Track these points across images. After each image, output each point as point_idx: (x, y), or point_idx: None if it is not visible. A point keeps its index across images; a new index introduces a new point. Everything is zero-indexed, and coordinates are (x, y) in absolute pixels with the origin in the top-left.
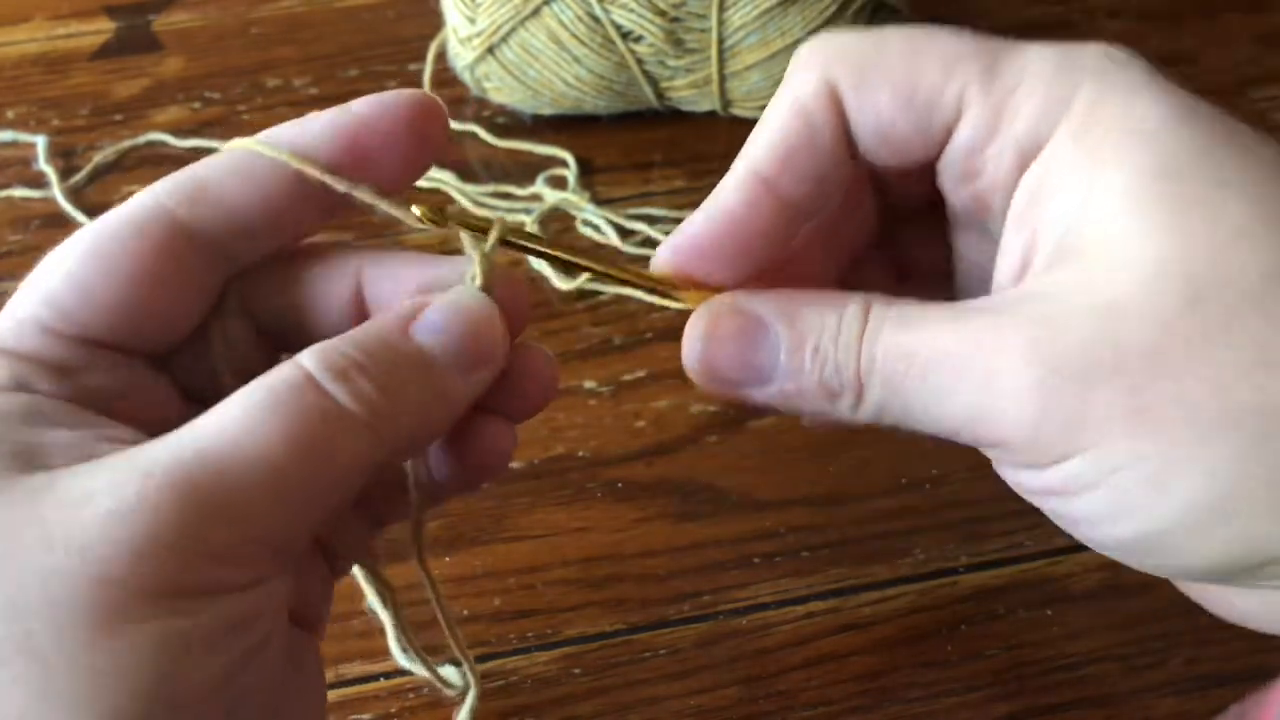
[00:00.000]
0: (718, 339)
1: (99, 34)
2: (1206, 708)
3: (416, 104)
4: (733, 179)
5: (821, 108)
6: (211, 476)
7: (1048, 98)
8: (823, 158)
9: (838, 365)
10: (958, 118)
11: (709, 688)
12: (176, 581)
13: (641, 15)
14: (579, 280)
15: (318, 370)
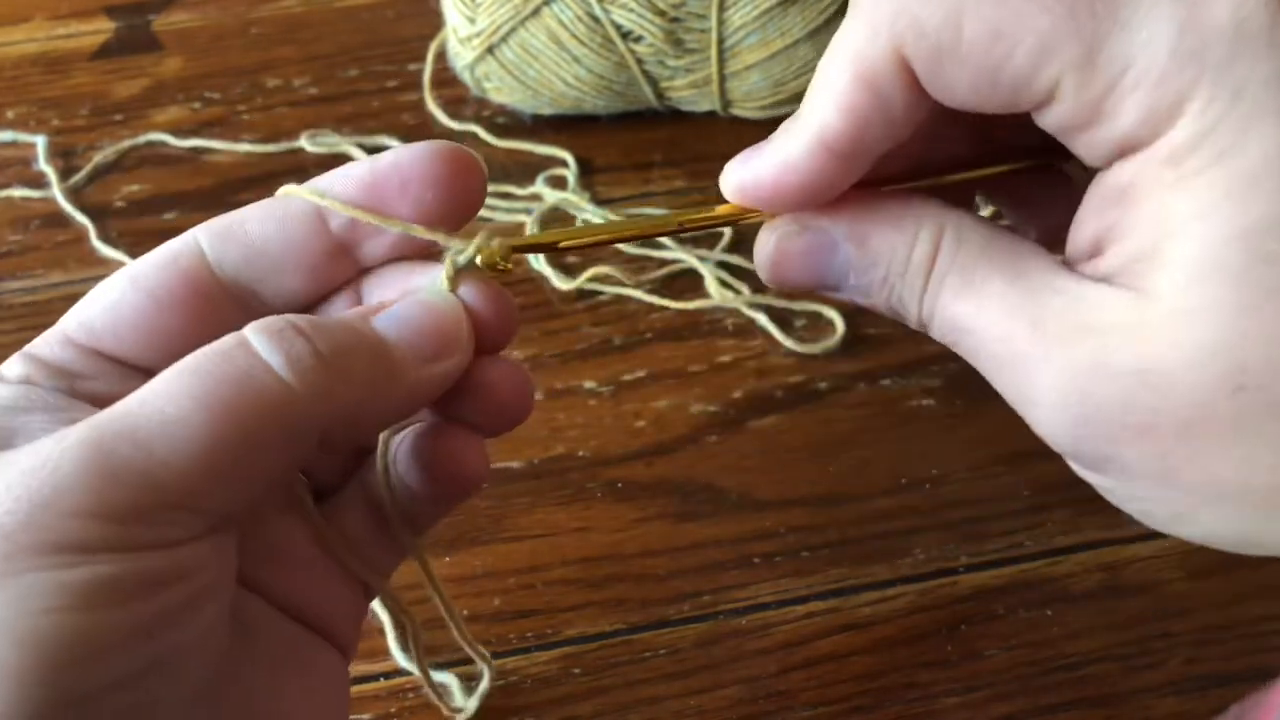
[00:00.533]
0: (787, 254)
1: (99, 34)
2: (1206, 708)
3: (445, 160)
4: (801, 144)
5: (893, 80)
6: (122, 438)
7: (1154, 102)
8: (897, 127)
9: (903, 301)
10: (1049, 101)
11: (709, 688)
12: (75, 537)
13: (641, 15)
14: (579, 280)
15: (253, 331)
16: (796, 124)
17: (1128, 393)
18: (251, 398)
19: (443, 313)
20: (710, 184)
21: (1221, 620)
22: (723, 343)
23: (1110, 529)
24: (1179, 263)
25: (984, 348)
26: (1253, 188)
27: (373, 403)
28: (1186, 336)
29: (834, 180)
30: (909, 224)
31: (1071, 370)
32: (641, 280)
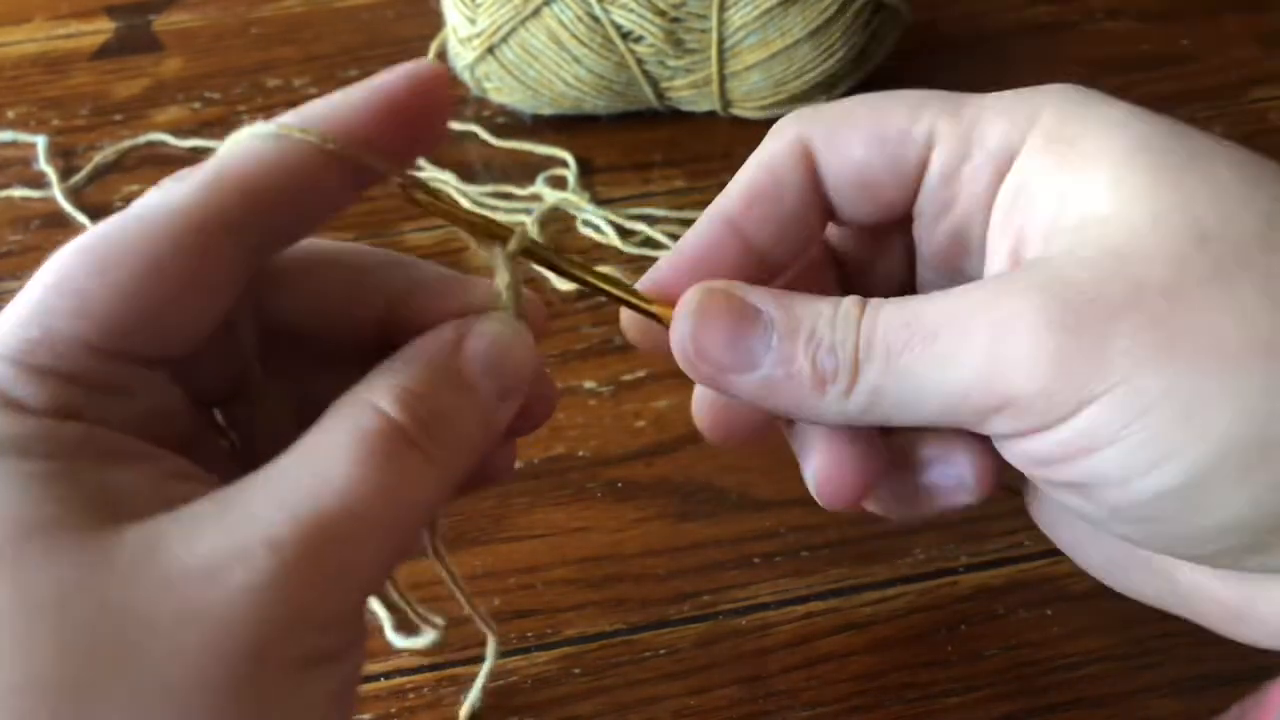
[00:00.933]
0: (709, 317)
1: (99, 34)
2: (1206, 708)
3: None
4: (701, 221)
5: (790, 164)
6: (322, 544)
7: (1014, 114)
8: (786, 208)
9: (834, 345)
10: (929, 150)
11: (709, 688)
12: (306, 651)
13: (641, 15)
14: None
15: (403, 418)
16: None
17: (1102, 271)
18: (419, 492)
19: (517, 349)
20: (710, 184)
21: None
22: None
23: None
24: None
25: (940, 324)
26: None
27: (475, 462)
28: (1133, 213)
29: (732, 264)
30: (832, 297)
31: (1040, 283)
32: None
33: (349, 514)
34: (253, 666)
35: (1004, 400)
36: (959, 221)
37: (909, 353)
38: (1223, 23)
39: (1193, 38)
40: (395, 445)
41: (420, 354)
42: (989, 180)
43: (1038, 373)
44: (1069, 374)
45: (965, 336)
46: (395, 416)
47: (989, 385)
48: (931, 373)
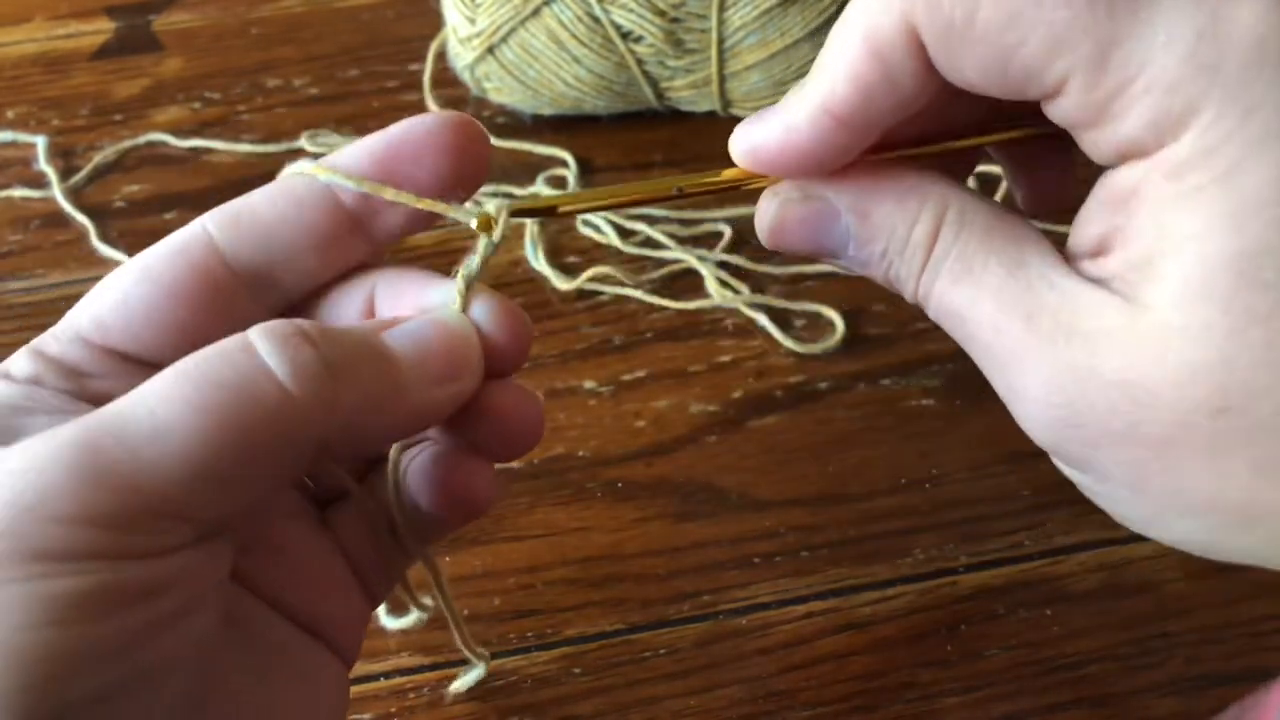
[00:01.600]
0: (787, 221)
1: (99, 34)
2: (1206, 708)
3: (455, 128)
4: (804, 111)
5: (902, 54)
6: (111, 438)
7: (1162, 110)
8: (904, 100)
9: (900, 279)
10: (1056, 94)
11: (709, 687)
12: (59, 545)
13: (641, 15)
14: (579, 280)
15: (258, 335)
16: (804, 89)
17: (1111, 402)
18: (249, 404)
19: (454, 334)
20: None
21: (1221, 620)
22: (723, 343)
23: (1110, 529)
24: (1172, 280)
25: (977, 336)
26: (1252, 212)
27: (375, 417)
28: (1173, 355)
29: (838, 148)
30: (913, 201)
31: (1059, 372)
32: (641, 280)
33: (148, 419)
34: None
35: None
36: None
37: (951, 331)
38: None
39: None
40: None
41: None
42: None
43: (1040, 438)
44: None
45: (991, 366)
46: (251, 335)
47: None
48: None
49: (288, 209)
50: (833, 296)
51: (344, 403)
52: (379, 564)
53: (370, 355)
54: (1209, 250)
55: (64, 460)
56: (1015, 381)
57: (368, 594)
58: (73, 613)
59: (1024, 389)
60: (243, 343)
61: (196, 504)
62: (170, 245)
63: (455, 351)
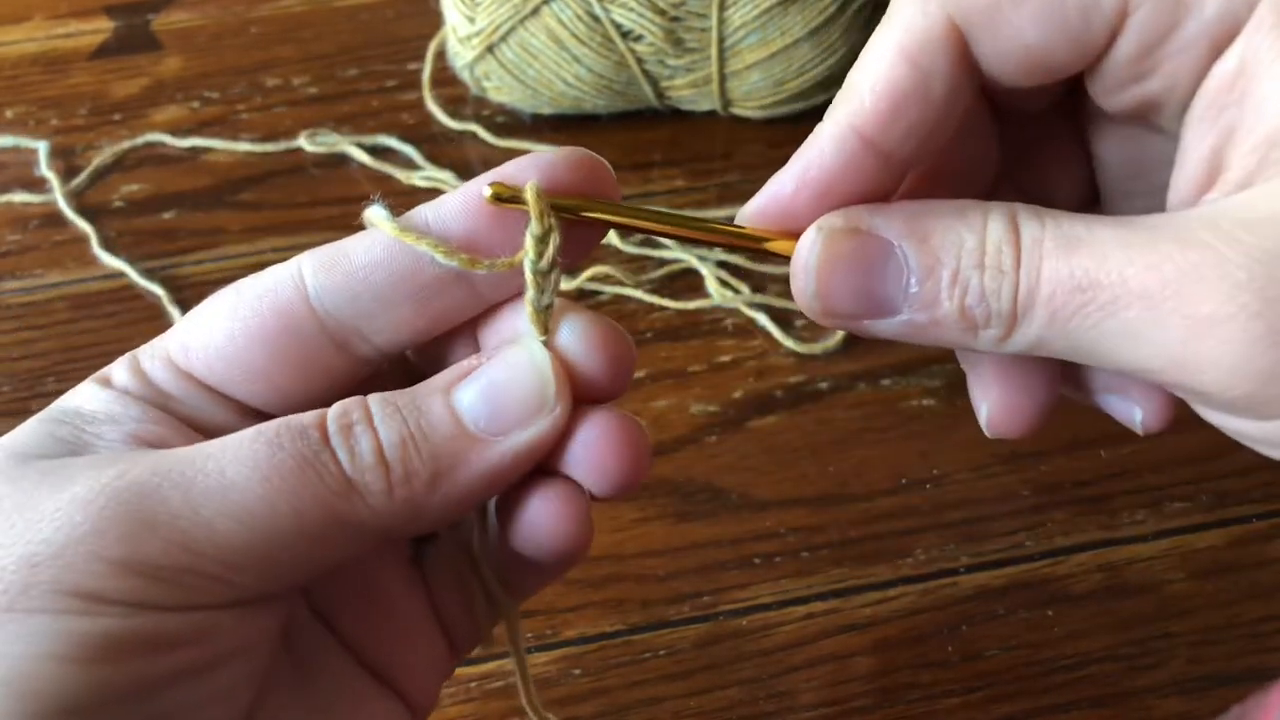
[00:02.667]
0: (833, 266)
1: (98, 33)
2: (1207, 708)
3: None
4: (830, 134)
5: (938, 50)
6: (175, 489)
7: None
8: (936, 109)
9: (985, 293)
10: (1124, 18)
11: (709, 688)
12: (93, 585)
13: (641, 15)
14: (579, 280)
15: (333, 414)
16: (828, 114)
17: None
18: (313, 484)
19: (523, 374)
20: (709, 184)
21: (1222, 621)
22: (723, 343)
23: (1110, 529)
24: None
25: (1123, 300)
26: None
27: (439, 494)
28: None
29: (866, 176)
30: (974, 213)
31: (1251, 271)
32: (641, 280)
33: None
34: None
35: (1201, 389)
36: (1155, 91)
37: (1082, 319)
38: None
39: None
40: (304, 443)
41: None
42: (1201, 55)
43: (1248, 377)
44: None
45: (1156, 319)
46: (328, 417)
47: (1181, 374)
48: (1112, 346)
49: (383, 254)
50: None
51: (400, 491)
52: (465, 613)
53: (431, 430)
54: None
55: (126, 502)
56: (1199, 307)
57: (450, 644)
58: (97, 653)
59: (1212, 318)
60: (318, 420)
61: (242, 570)
62: (262, 282)
63: (524, 392)
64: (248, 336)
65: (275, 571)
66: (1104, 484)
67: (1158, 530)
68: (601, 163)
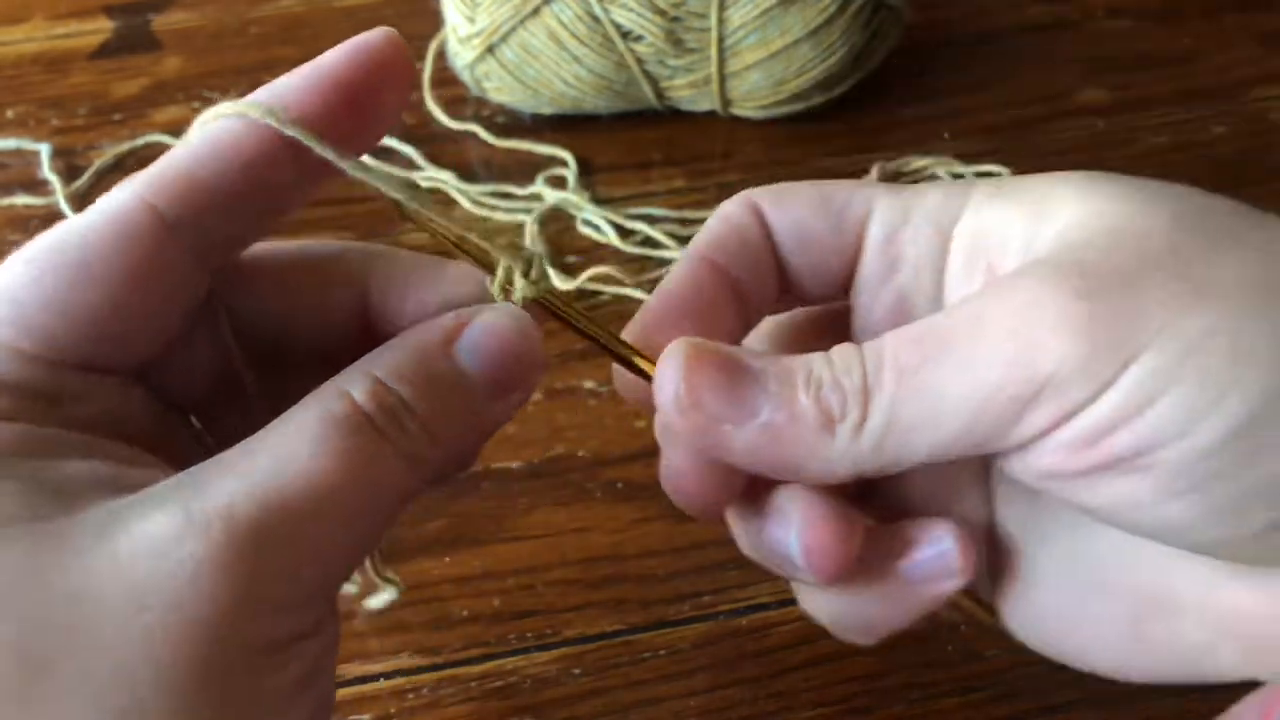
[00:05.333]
0: (700, 364)
1: (98, 33)
2: (1207, 708)
3: (382, 44)
4: (681, 262)
5: (745, 217)
6: (280, 521)
7: (949, 188)
8: (752, 247)
9: (836, 380)
10: (868, 215)
11: (709, 688)
12: (262, 632)
13: (641, 15)
14: (579, 280)
15: (370, 406)
16: None
17: (1110, 243)
18: (387, 477)
19: (522, 338)
20: (710, 184)
21: None
22: None
23: None
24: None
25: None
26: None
27: (461, 458)
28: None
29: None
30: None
31: (1053, 266)
32: (641, 280)
33: (307, 495)
34: (206, 645)
35: (1042, 381)
36: (903, 286)
37: (927, 366)
38: (1223, 22)
39: (1193, 37)
40: (360, 432)
41: (407, 342)
42: (931, 238)
43: (1075, 342)
44: (1107, 335)
45: (986, 333)
46: (362, 402)
47: (1023, 372)
48: (954, 380)
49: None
50: None
51: (443, 455)
52: None
53: (455, 397)
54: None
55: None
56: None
57: None
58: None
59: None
60: (357, 410)
61: (339, 575)
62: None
63: (523, 360)
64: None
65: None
66: None
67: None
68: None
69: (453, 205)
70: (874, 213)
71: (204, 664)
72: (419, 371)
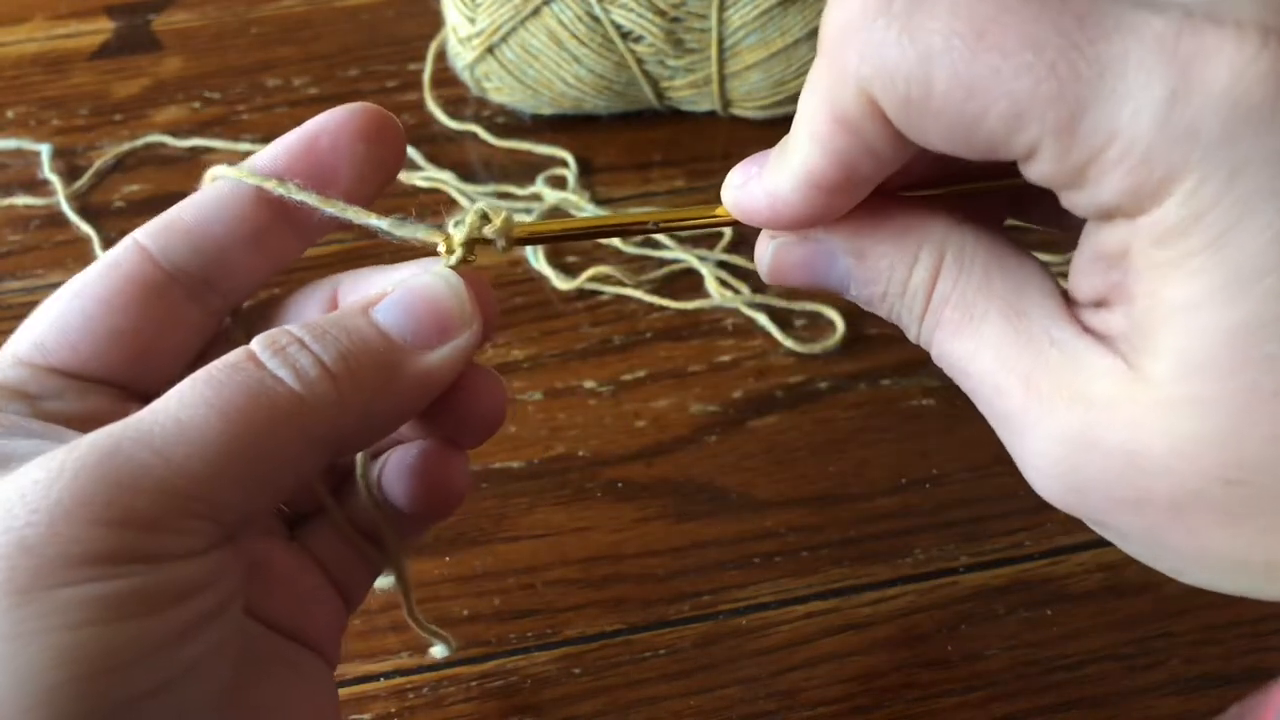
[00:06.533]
0: (784, 264)
1: (98, 34)
2: (1207, 708)
3: (368, 115)
4: (790, 183)
5: (868, 123)
6: (140, 444)
7: (1140, 178)
8: (884, 162)
9: (902, 321)
10: (1029, 158)
11: (709, 688)
12: (102, 548)
13: (641, 15)
14: (579, 280)
15: (258, 346)
16: (786, 157)
17: (1117, 471)
18: (266, 406)
19: (440, 290)
20: (710, 184)
21: (1221, 620)
22: (723, 343)
23: None
24: (1170, 353)
25: (979, 392)
26: (1247, 281)
27: (385, 400)
28: (1177, 427)
29: (829, 212)
30: (910, 242)
31: (1062, 440)
32: (641, 280)
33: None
34: (27, 558)
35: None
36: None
37: (955, 379)
38: None
39: None
40: (244, 370)
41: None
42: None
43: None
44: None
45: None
46: (253, 346)
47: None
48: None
49: (214, 211)
50: (833, 296)
51: (352, 396)
52: (353, 572)
53: (365, 343)
54: (1206, 323)
55: (97, 466)
56: (1019, 445)
57: (345, 600)
58: (126, 609)
59: (1027, 453)
60: (246, 354)
61: (225, 503)
62: (103, 262)
63: (444, 307)
64: (106, 308)
65: (251, 496)
66: None
67: None
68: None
69: (455, 205)
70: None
71: (22, 573)
72: (326, 322)
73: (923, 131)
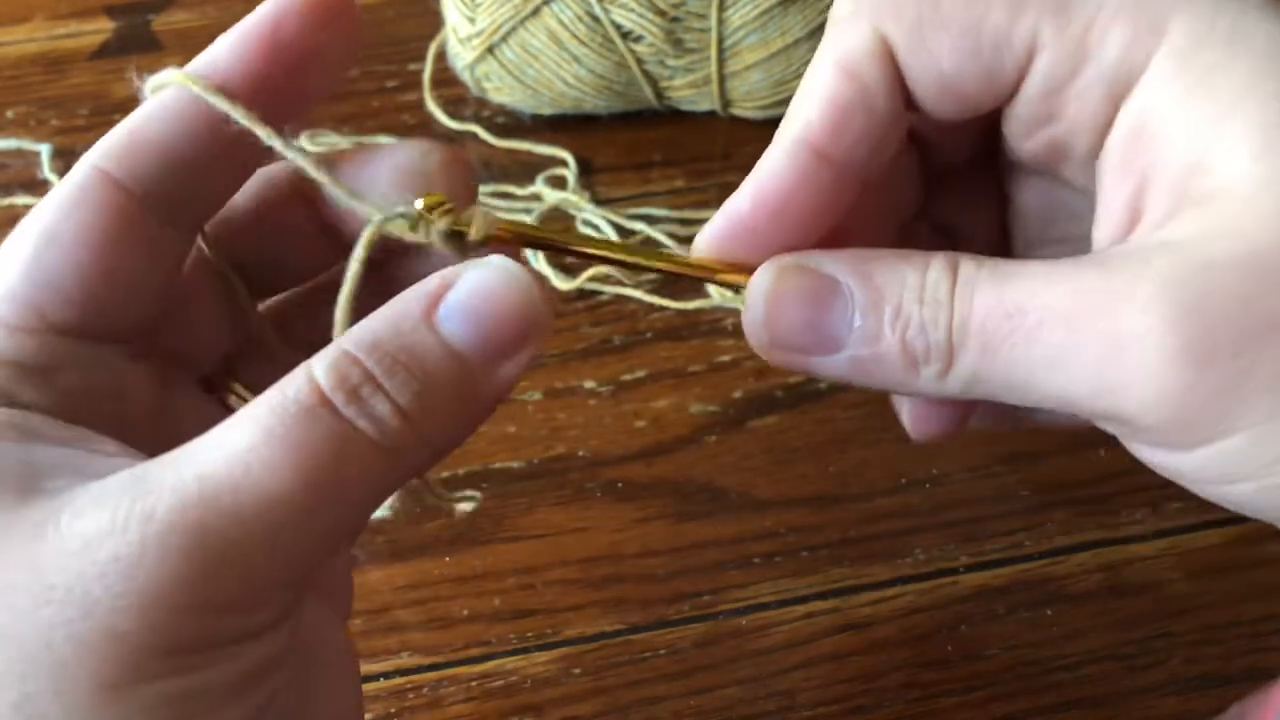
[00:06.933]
0: (781, 300)
1: (98, 34)
2: (1207, 708)
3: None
4: (781, 150)
5: (874, 65)
6: (222, 518)
7: (1136, 20)
8: (879, 119)
9: (924, 325)
10: (1031, 58)
11: (709, 688)
12: (189, 636)
13: (641, 15)
14: (579, 280)
15: (329, 385)
16: (779, 132)
17: (1240, 288)
18: (353, 465)
19: (509, 293)
20: (709, 184)
21: (1221, 620)
22: (723, 343)
23: (1110, 529)
24: (1234, 147)
25: (1048, 323)
26: (1275, 60)
27: (459, 430)
28: (1275, 206)
29: (822, 194)
30: (916, 256)
31: (1169, 294)
32: (641, 280)
33: (254, 492)
34: (115, 648)
35: (1123, 419)
36: (1061, 136)
37: (1010, 347)
38: None
39: None
40: (318, 421)
41: (387, 311)
42: (1102, 102)
43: (1165, 400)
44: (1201, 409)
45: (1077, 342)
46: (324, 387)
47: (1102, 400)
48: (1038, 373)
49: (177, 125)
50: None
51: (426, 438)
52: None
53: (438, 370)
54: (1255, 113)
55: (181, 549)
56: (1116, 340)
57: None
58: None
59: (1131, 336)
60: (319, 396)
61: (299, 571)
62: (65, 198)
63: (517, 311)
64: (94, 250)
65: (326, 556)
66: (1103, 484)
67: (1157, 530)
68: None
69: None
70: (1037, 56)
71: (113, 665)
72: (395, 344)
73: (934, 50)
